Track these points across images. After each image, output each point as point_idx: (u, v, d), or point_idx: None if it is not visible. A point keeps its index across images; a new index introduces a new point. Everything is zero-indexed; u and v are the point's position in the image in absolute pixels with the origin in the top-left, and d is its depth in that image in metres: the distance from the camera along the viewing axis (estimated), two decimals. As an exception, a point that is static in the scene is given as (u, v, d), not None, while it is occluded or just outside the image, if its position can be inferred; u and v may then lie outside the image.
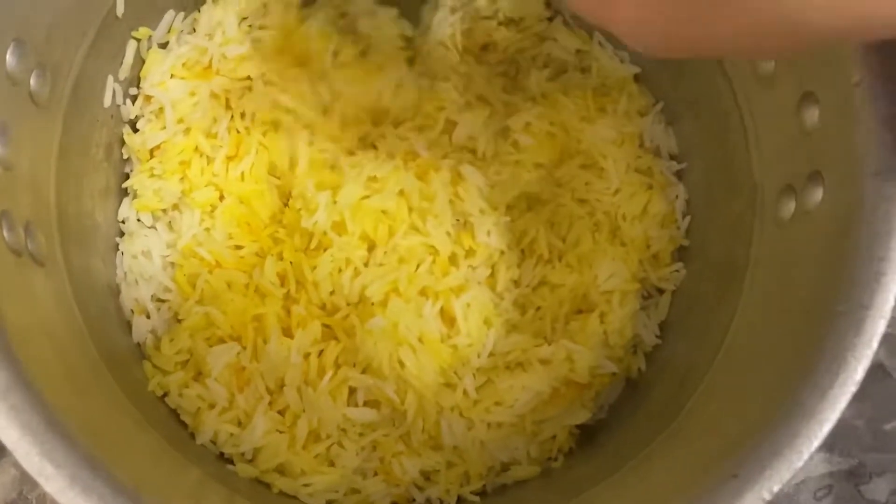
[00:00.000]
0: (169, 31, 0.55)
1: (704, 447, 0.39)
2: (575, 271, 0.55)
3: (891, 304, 0.35)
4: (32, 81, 0.42)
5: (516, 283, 0.55)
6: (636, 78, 0.60)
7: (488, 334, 0.53)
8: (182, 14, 0.55)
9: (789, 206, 0.44)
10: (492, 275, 0.55)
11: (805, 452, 0.34)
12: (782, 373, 0.37)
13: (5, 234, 0.39)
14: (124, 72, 0.53)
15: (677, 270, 0.57)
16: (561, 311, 0.55)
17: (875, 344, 0.35)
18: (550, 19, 0.62)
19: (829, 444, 0.66)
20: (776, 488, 0.33)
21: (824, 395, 0.34)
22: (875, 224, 0.37)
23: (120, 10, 0.49)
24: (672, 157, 0.59)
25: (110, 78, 0.52)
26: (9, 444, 0.31)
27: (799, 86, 0.43)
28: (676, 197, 0.58)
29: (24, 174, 0.42)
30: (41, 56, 0.43)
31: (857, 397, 0.70)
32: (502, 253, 0.55)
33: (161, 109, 0.54)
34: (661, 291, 0.58)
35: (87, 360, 0.43)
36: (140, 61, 0.54)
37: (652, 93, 0.60)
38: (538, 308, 0.55)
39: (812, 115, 0.42)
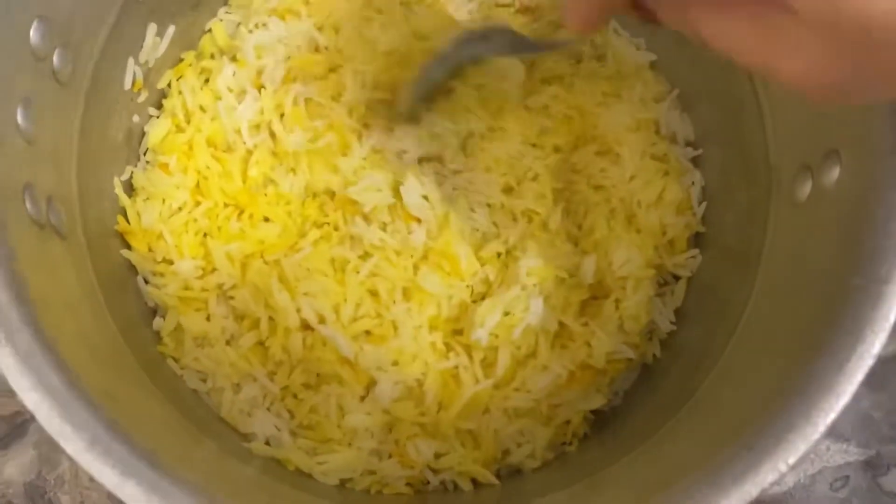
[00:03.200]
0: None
1: (718, 424, 0.39)
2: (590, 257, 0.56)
3: (910, 277, 0.35)
4: (55, 59, 0.43)
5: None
6: (652, 65, 0.60)
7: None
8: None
9: (805, 187, 0.44)
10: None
11: (821, 425, 0.33)
12: (798, 348, 0.37)
13: (28, 206, 0.39)
14: (144, 55, 0.53)
15: (693, 257, 0.58)
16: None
17: (892, 318, 0.35)
18: (565, 7, 0.62)
19: (847, 435, 0.66)
20: (792, 460, 0.33)
21: (841, 368, 0.34)
22: (892, 200, 0.36)
23: (141, -7, 0.50)
24: (688, 144, 0.59)
25: (131, 60, 0.52)
26: (30, 406, 0.31)
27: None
28: (692, 183, 0.58)
29: (46, 148, 0.42)
30: (64, 35, 0.43)
31: (875, 388, 0.69)
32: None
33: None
34: (676, 278, 0.58)
35: (106, 333, 0.43)
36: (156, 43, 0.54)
37: (668, 80, 0.60)
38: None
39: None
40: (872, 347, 0.34)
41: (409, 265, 0.54)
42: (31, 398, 0.32)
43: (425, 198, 0.54)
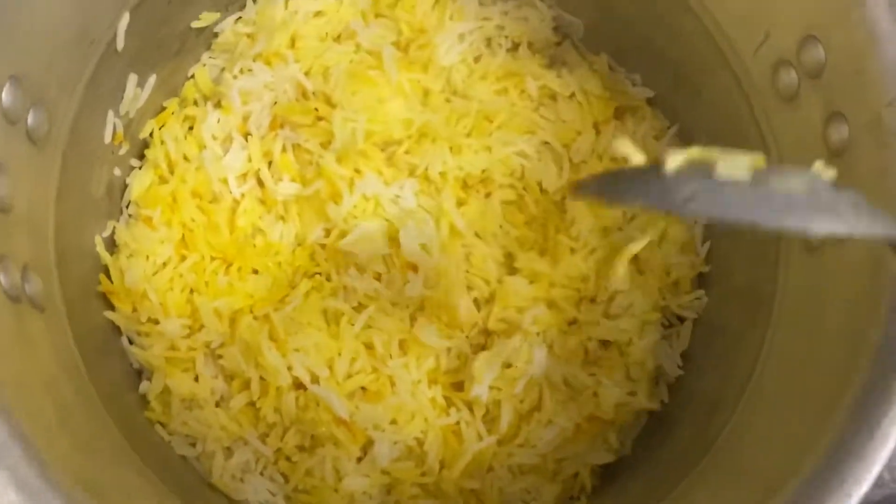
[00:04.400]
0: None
1: (742, 484, 0.37)
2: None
3: (940, 333, 0.33)
4: (30, 119, 0.41)
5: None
6: (650, 101, 0.58)
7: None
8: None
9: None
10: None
11: (854, 497, 0.31)
12: (822, 407, 0.35)
13: (2, 279, 0.37)
14: (125, 106, 0.51)
15: (698, 298, 0.56)
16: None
17: (922, 377, 0.33)
18: (559, 44, 0.61)
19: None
20: (824, 536, 0.31)
21: (872, 434, 0.32)
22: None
23: (120, 44, 0.48)
24: (690, 182, 0.57)
25: (110, 113, 0.50)
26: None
27: (826, 105, 0.41)
28: (696, 222, 0.56)
29: (21, 216, 0.40)
30: (39, 92, 0.42)
31: None
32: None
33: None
34: (682, 320, 0.56)
35: (88, 407, 0.41)
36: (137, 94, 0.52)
37: (666, 116, 0.58)
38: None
39: (840, 135, 0.40)
40: (904, 410, 0.32)
41: (405, 316, 0.52)
42: (8, 497, 0.29)
43: (423, 246, 0.52)
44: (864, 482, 0.31)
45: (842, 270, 0.39)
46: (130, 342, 0.52)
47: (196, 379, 0.52)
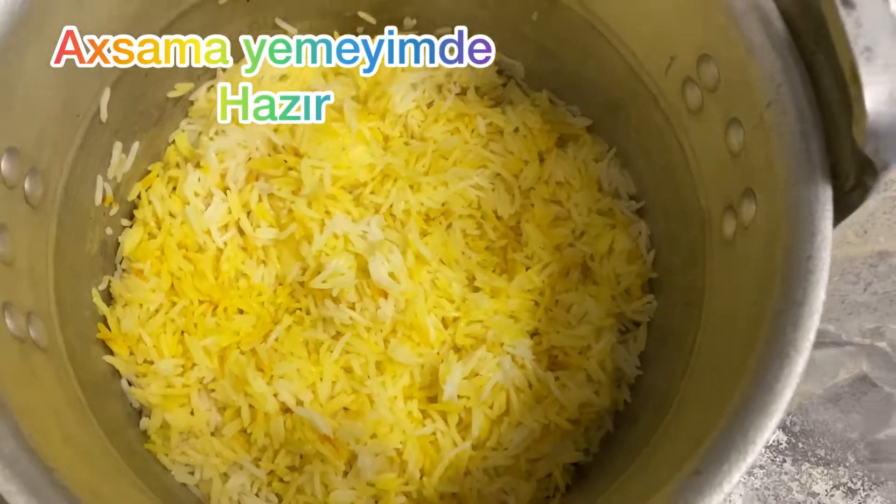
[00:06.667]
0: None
1: (674, 455, 0.41)
2: (551, 312, 0.58)
3: (822, 298, 0.38)
4: (26, 184, 0.46)
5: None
6: (589, 129, 0.64)
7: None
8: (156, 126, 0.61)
9: (731, 225, 0.47)
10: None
11: (759, 443, 0.36)
12: (734, 375, 0.40)
13: (8, 322, 0.42)
14: (112, 171, 0.57)
15: (649, 302, 0.60)
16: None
17: (812, 336, 0.37)
18: (504, 85, 0.67)
19: (827, 459, 0.68)
20: (736, 478, 0.35)
21: (771, 389, 0.37)
22: (800, 227, 0.40)
23: (104, 116, 0.53)
24: (631, 198, 0.63)
25: (99, 178, 0.56)
26: (16, 507, 0.34)
27: (724, 114, 0.47)
28: (640, 233, 0.61)
29: (23, 269, 0.45)
30: (33, 161, 0.47)
31: (845, 410, 0.71)
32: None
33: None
34: (637, 324, 0.61)
35: (92, 436, 0.46)
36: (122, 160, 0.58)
37: (605, 140, 0.64)
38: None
39: (738, 138, 0.45)
40: (798, 366, 0.37)
41: (379, 339, 0.57)
42: (17, 501, 0.34)
43: (391, 274, 0.57)
44: (767, 430, 0.36)
45: (749, 256, 0.44)
46: (129, 384, 0.57)
47: (192, 412, 0.56)
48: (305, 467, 0.55)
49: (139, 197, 0.61)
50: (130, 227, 0.61)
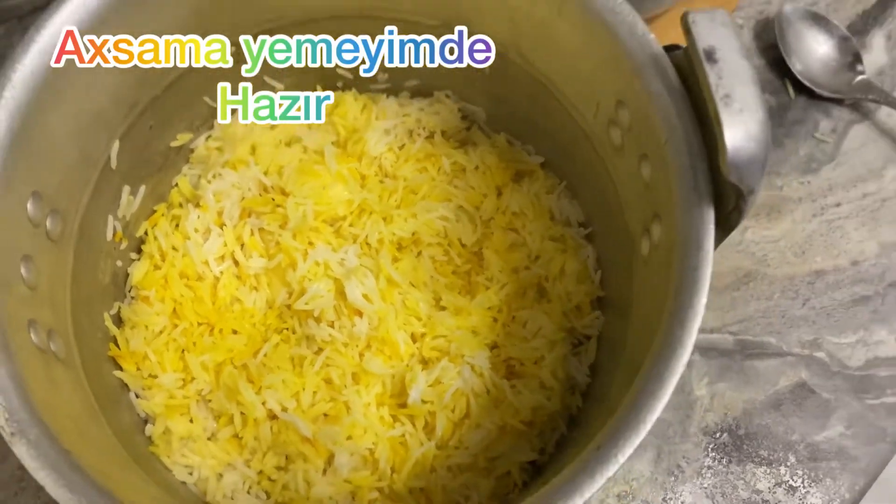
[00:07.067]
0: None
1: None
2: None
3: (703, 300, 0.46)
4: (48, 223, 0.54)
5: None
6: (542, 165, 0.72)
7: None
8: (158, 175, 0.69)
9: (647, 245, 0.55)
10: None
11: (649, 422, 0.43)
12: (638, 372, 0.47)
13: (33, 336, 0.50)
14: (122, 211, 0.66)
15: (597, 318, 0.68)
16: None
17: (695, 333, 0.45)
18: (468, 129, 0.75)
19: (769, 459, 0.74)
20: (629, 451, 0.43)
21: (661, 378, 0.44)
22: (689, 244, 0.47)
23: (114, 163, 0.62)
24: (580, 225, 0.70)
25: (110, 217, 0.64)
26: (39, 480, 0.41)
27: (637, 150, 0.55)
28: (588, 256, 0.69)
29: (45, 293, 0.54)
30: (54, 203, 0.55)
31: (786, 414, 0.78)
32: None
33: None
34: (588, 338, 0.68)
35: (103, 435, 0.53)
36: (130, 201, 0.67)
37: (556, 175, 0.72)
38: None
39: (647, 170, 0.53)
40: (682, 359, 0.44)
41: (355, 353, 0.64)
42: (40, 475, 0.42)
43: (365, 296, 0.65)
44: (655, 412, 0.43)
45: (658, 270, 0.52)
46: (136, 396, 0.65)
47: (191, 420, 0.64)
48: (290, 466, 0.62)
49: (146, 233, 0.69)
50: (138, 259, 0.69)
